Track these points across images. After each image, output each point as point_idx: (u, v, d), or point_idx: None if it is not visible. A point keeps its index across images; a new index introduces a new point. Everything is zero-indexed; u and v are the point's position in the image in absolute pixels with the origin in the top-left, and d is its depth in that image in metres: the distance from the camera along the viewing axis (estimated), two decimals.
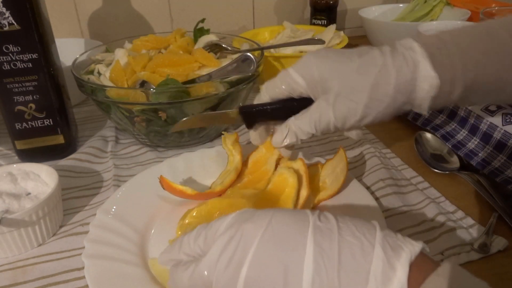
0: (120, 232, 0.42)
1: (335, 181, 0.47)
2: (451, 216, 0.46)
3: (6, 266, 0.42)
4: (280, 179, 0.44)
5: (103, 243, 0.40)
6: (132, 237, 0.42)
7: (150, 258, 0.40)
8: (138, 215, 0.45)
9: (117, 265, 0.38)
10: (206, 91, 0.54)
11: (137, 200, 0.47)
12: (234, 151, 0.49)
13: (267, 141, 0.47)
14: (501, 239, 0.42)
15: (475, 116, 0.55)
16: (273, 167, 0.48)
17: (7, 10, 0.49)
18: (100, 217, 0.44)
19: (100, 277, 0.37)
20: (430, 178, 0.53)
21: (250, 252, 0.28)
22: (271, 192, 0.44)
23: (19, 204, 0.43)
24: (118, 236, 0.42)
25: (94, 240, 0.40)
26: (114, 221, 0.43)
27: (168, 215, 0.46)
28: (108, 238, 0.41)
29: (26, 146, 0.57)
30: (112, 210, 0.45)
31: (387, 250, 0.27)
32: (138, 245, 0.41)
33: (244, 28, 1.05)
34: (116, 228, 0.43)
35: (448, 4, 0.98)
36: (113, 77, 0.59)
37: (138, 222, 0.44)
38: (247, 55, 0.57)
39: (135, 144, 0.63)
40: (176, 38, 0.68)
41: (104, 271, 0.37)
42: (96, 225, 0.43)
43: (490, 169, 0.51)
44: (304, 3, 1.09)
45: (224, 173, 0.49)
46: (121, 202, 0.46)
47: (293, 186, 0.43)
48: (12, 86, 0.53)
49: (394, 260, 0.26)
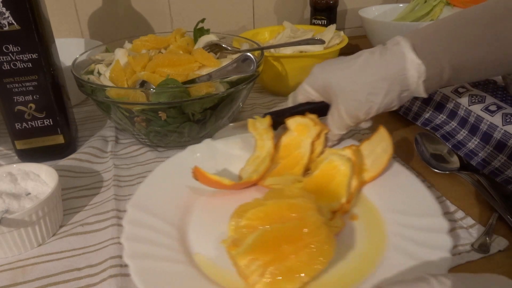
0: (157, 228, 0.40)
1: (376, 161, 0.46)
2: (451, 216, 0.46)
3: (6, 266, 0.42)
4: (329, 166, 0.44)
5: (142, 241, 0.39)
6: (170, 233, 0.40)
7: (196, 253, 0.39)
8: (171, 208, 0.43)
9: (162, 264, 0.37)
10: (206, 91, 0.54)
11: (166, 192, 0.45)
12: (265, 135, 0.47)
13: (298, 123, 0.49)
14: (501, 239, 0.42)
15: (475, 116, 0.55)
16: (308, 150, 0.47)
17: (7, 10, 0.49)
18: (132, 212, 0.42)
19: (149, 278, 0.35)
20: (430, 178, 0.53)
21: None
22: (320, 180, 0.44)
23: (19, 204, 0.43)
24: (155, 232, 0.40)
25: (132, 239, 0.39)
26: (148, 216, 0.41)
27: (203, 208, 0.45)
28: (146, 235, 0.39)
29: (26, 146, 0.57)
30: (143, 204, 0.43)
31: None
32: (178, 240, 0.40)
33: (244, 28, 1.05)
34: (152, 224, 0.41)
35: (448, 4, 0.98)
36: (113, 77, 0.59)
37: (173, 216, 0.42)
38: (247, 55, 0.57)
39: (135, 144, 0.63)
40: (176, 38, 0.68)
41: (150, 272, 0.36)
42: (130, 221, 0.41)
43: (490, 169, 0.51)
44: (304, 3, 1.09)
45: (253, 159, 0.48)
46: (150, 195, 0.44)
47: (346, 175, 0.43)
48: (12, 86, 0.53)
49: None
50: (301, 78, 0.77)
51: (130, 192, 0.52)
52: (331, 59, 0.51)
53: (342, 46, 0.77)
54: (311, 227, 0.35)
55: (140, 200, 0.43)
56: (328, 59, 0.51)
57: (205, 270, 0.38)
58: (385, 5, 1.05)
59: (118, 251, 0.43)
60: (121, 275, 0.40)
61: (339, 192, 0.43)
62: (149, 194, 0.45)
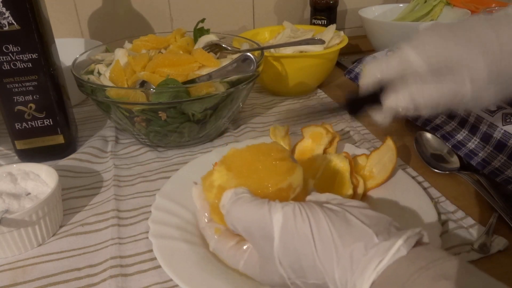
0: (179, 214, 0.45)
1: (382, 170, 0.49)
2: (451, 216, 0.46)
3: (6, 266, 0.42)
4: (330, 166, 0.47)
5: (165, 224, 0.44)
6: (190, 219, 0.45)
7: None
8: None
9: (180, 244, 0.41)
10: (206, 91, 0.54)
11: (190, 185, 0.48)
12: (283, 142, 0.52)
13: (313, 132, 0.52)
14: (501, 239, 0.42)
15: (475, 116, 0.55)
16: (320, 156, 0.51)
17: (7, 10, 0.49)
18: (159, 200, 0.47)
19: (167, 254, 0.40)
20: (430, 178, 0.53)
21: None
22: (325, 180, 0.46)
23: (19, 204, 0.43)
24: (177, 218, 0.45)
25: (156, 221, 0.44)
26: (172, 204, 0.47)
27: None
28: (169, 219, 0.45)
29: (26, 146, 0.57)
30: (168, 194, 0.48)
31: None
32: (196, 226, 0.44)
33: (244, 28, 1.05)
34: (175, 211, 0.46)
35: (448, 4, 0.98)
36: (113, 77, 0.59)
37: (194, 205, 0.46)
38: (247, 55, 0.57)
39: (135, 144, 0.63)
40: (176, 38, 0.68)
41: (169, 249, 0.41)
42: (157, 207, 0.46)
43: (490, 169, 0.51)
44: (304, 3, 1.09)
45: None
46: (176, 187, 0.49)
47: (346, 170, 0.46)
48: (12, 86, 0.53)
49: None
50: (301, 78, 0.77)
51: (130, 192, 0.52)
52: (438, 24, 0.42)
53: (342, 46, 0.77)
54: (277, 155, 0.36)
55: (167, 190, 0.49)
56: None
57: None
58: (385, 5, 1.04)
59: (118, 251, 0.43)
60: (121, 275, 0.40)
61: (344, 186, 0.46)
62: (175, 186, 0.50)
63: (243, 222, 0.31)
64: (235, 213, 0.32)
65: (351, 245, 0.27)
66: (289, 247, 0.29)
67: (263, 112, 0.74)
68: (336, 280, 0.27)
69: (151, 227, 0.43)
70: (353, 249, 0.27)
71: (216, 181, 0.36)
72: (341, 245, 0.28)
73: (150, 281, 0.40)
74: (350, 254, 0.27)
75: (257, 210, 0.31)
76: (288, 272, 0.30)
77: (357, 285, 0.26)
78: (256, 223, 0.30)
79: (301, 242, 0.29)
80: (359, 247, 0.27)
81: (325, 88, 0.83)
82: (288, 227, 0.29)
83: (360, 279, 0.26)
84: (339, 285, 0.27)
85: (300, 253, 0.29)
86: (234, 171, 0.35)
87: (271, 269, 0.31)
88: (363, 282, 0.26)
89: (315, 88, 0.83)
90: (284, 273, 0.30)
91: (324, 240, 0.28)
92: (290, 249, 0.29)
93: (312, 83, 0.80)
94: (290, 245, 0.29)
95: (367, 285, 0.26)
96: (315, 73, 0.77)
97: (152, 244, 0.41)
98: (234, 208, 0.32)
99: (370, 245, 0.27)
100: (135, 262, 0.42)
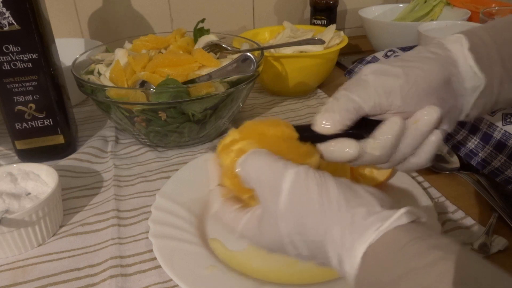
0: (179, 215, 0.46)
1: (382, 170, 0.48)
2: (451, 216, 0.46)
3: (6, 266, 0.42)
4: (330, 165, 0.46)
5: (165, 224, 0.44)
6: (190, 219, 0.45)
7: (210, 238, 0.44)
8: (193, 199, 0.48)
9: (180, 244, 0.42)
10: (206, 91, 0.54)
11: (190, 186, 0.50)
12: None
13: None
14: (501, 239, 0.42)
15: None
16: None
17: (7, 10, 0.49)
18: (159, 200, 0.47)
19: (167, 254, 0.40)
20: (430, 178, 0.53)
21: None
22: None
23: (19, 204, 0.43)
24: (177, 218, 0.45)
25: (156, 221, 0.44)
26: (172, 204, 0.47)
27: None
28: (169, 219, 0.45)
29: (26, 146, 0.57)
30: (169, 194, 0.48)
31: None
32: (196, 227, 0.45)
33: (244, 28, 1.05)
34: (175, 211, 0.46)
35: (448, 4, 0.98)
36: (113, 77, 0.59)
37: (194, 206, 0.48)
38: (247, 55, 0.57)
39: (135, 144, 0.63)
40: (176, 38, 0.68)
41: (169, 249, 0.41)
42: (157, 207, 0.46)
43: (490, 169, 0.51)
44: (304, 3, 1.09)
45: None
46: (176, 187, 0.50)
47: (347, 169, 0.45)
48: (12, 86, 0.53)
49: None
50: (301, 78, 0.77)
51: (130, 192, 0.52)
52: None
53: (342, 46, 0.77)
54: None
55: (167, 190, 0.49)
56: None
57: (217, 252, 0.42)
58: (385, 5, 1.04)
59: (118, 251, 0.43)
60: (121, 275, 0.40)
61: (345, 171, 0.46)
62: (175, 186, 0.50)
63: (257, 171, 0.32)
64: (252, 161, 0.33)
65: (354, 208, 0.28)
66: (296, 201, 0.30)
67: (263, 112, 0.74)
68: (335, 239, 0.28)
69: (151, 227, 0.43)
70: (355, 213, 0.28)
71: (236, 146, 0.36)
72: (345, 206, 0.29)
73: (150, 281, 0.40)
74: (352, 216, 0.28)
75: (273, 162, 0.32)
76: (289, 227, 0.30)
77: (355, 245, 0.27)
78: (269, 173, 0.31)
79: (309, 198, 0.30)
80: (362, 211, 0.28)
81: (325, 88, 0.83)
82: (299, 182, 0.30)
83: (358, 241, 0.27)
84: (337, 244, 0.28)
85: (306, 209, 0.30)
86: (255, 139, 0.35)
87: (271, 226, 0.31)
88: (361, 243, 0.27)
89: (315, 88, 0.83)
90: (285, 228, 0.30)
91: (330, 199, 0.29)
92: (297, 204, 0.30)
93: (312, 83, 0.80)
94: (297, 199, 0.30)
95: (364, 246, 0.27)
96: (315, 73, 0.78)
97: (152, 244, 0.41)
98: (251, 156, 0.33)
99: (372, 212, 0.28)
100: (135, 262, 0.42)
